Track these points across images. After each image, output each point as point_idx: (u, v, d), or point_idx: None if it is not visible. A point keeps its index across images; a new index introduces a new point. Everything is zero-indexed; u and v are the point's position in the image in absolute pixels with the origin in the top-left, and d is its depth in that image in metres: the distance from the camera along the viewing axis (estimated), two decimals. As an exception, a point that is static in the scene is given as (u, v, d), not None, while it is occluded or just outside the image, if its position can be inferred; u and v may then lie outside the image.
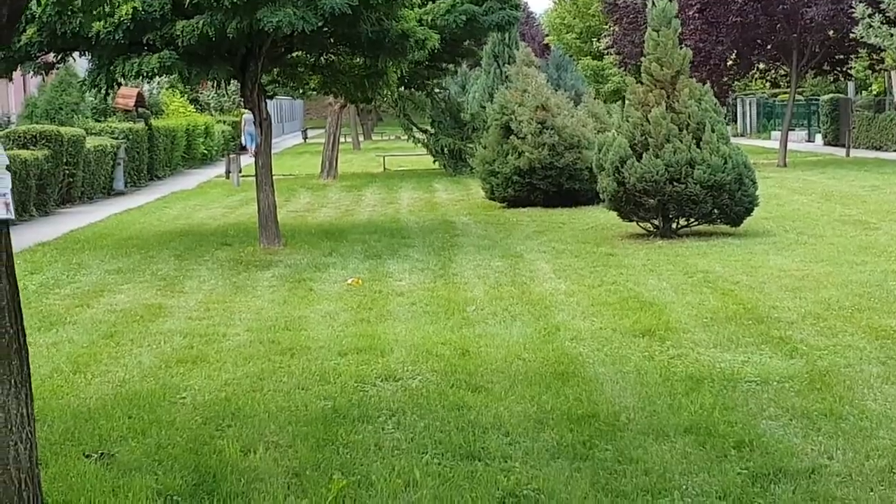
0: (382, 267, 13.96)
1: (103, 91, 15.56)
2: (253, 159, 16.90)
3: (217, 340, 9.72)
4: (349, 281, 12.82)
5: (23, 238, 17.26)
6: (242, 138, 39.47)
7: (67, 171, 22.79)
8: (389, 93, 24.75)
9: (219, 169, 34.39)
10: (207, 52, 14.85)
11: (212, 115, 43.69)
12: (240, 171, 29.11)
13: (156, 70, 14.59)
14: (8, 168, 4.90)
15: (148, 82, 31.21)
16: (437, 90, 30.21)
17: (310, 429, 6.91)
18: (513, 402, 7.45)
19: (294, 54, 17.09)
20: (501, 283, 12.46)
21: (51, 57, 16.01)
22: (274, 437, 6.77)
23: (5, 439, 4.77)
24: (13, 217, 4.90)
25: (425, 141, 30.66)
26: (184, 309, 11.38)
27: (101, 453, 6.46)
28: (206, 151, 37.91)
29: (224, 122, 43.14)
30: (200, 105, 44.17)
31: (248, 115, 16.60)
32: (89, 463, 6.29)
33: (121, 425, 7.03)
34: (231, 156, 31.00)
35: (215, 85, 16.37)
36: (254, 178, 16.11)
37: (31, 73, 16.57)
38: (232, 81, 20.10)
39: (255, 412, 7.34)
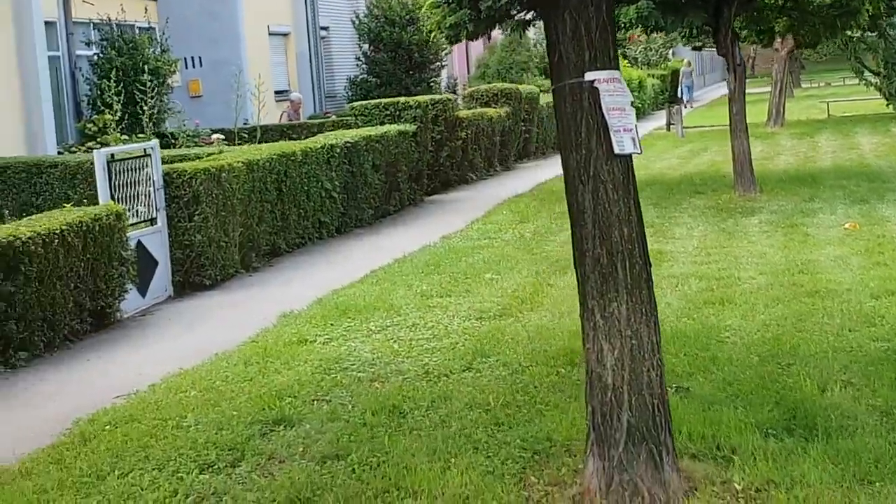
0: (875, 211, 13.41)
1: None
2: (689, 110, 16.72)
3: (734, 284, 9.73)
4: (846, 225, 12.43)
5: (499, 190, 18.18)
6: (679, 90, 39.07)
7: (524, 128, 23.57)
8: (842, 36, 23.68)
9: (654, 122, 34.37)
10: (681, 0, 14.80)
11: (640, 69, 43.69)
12: (682, 123, 28.91)
13: (633, 21, 14.77)
14: (632, 104, 5.07)
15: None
16: (890, 30, 28.52)
17: (876, 369, 6.74)
18: None
19: (764, -3, 16.71)
20: None
21: (527, 15, 16.54)
22: (842, 376, 6.66)
23: (640, 365, 4.97)
24: (641, 152, 5.07)
25: (878, 84, 29.11)
26: (684, 254, 11.47)
27: (677, 387, 6.62)
28: (639, 105, 37.98)
29: (652, 75, 43.03)
30: (629, 60, 44.28)
31: (684, 68, 16.51)
32: (670, 395, 6.44)
33: (682, 361, 7.17)
34: (673, 108, 30.87)
35: (686, 34, 16.29)
36: (695, 130, 15.97)
37: (509, 31, 17.21)
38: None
39: (810, 352, 7.25)
